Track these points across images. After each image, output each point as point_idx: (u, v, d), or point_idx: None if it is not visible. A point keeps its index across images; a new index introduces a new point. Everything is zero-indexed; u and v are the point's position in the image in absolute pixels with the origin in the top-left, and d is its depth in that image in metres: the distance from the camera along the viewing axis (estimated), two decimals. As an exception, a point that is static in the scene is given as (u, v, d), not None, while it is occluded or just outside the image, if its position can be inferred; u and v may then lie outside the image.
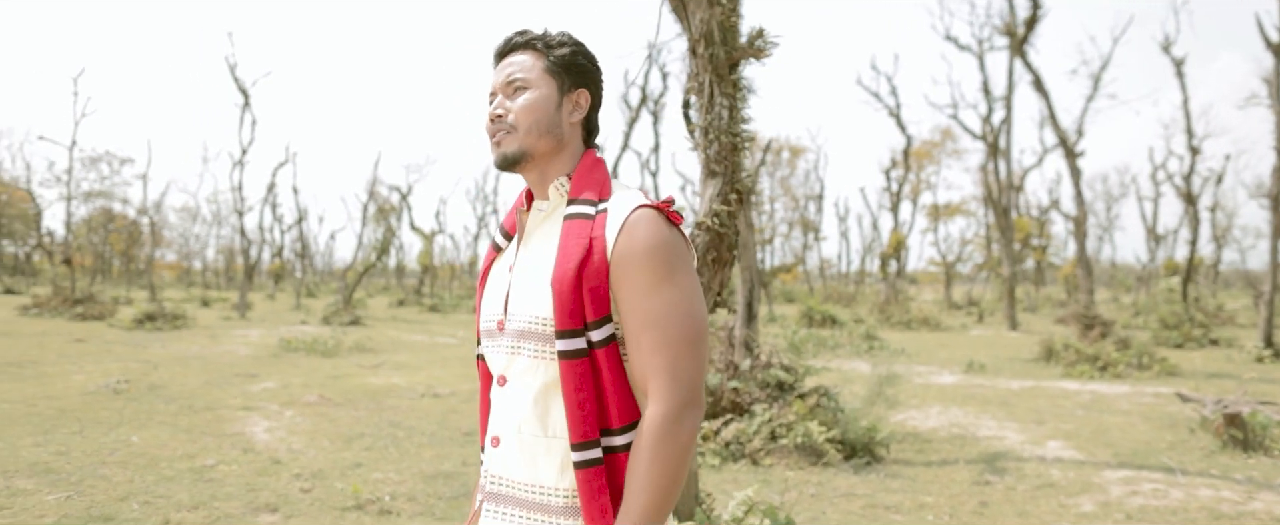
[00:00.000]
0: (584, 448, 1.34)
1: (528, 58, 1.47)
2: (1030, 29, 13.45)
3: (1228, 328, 19.44)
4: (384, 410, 7.84)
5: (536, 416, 1.39)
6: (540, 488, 1.39)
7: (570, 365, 1.33)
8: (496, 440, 1.44)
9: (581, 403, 1.34)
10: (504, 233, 1.54)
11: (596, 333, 1.34)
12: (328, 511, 4.56)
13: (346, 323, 19.31)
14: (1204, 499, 5.11)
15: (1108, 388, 10.11)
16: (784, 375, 6.69)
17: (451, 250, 48.01)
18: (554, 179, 1.46)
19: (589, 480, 1.34)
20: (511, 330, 1.41)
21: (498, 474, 1.44)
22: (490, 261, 1.55)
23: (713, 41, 3.43)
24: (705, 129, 3.48)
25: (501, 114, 1.45)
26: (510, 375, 1.43)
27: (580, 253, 1.34)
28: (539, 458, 1.39)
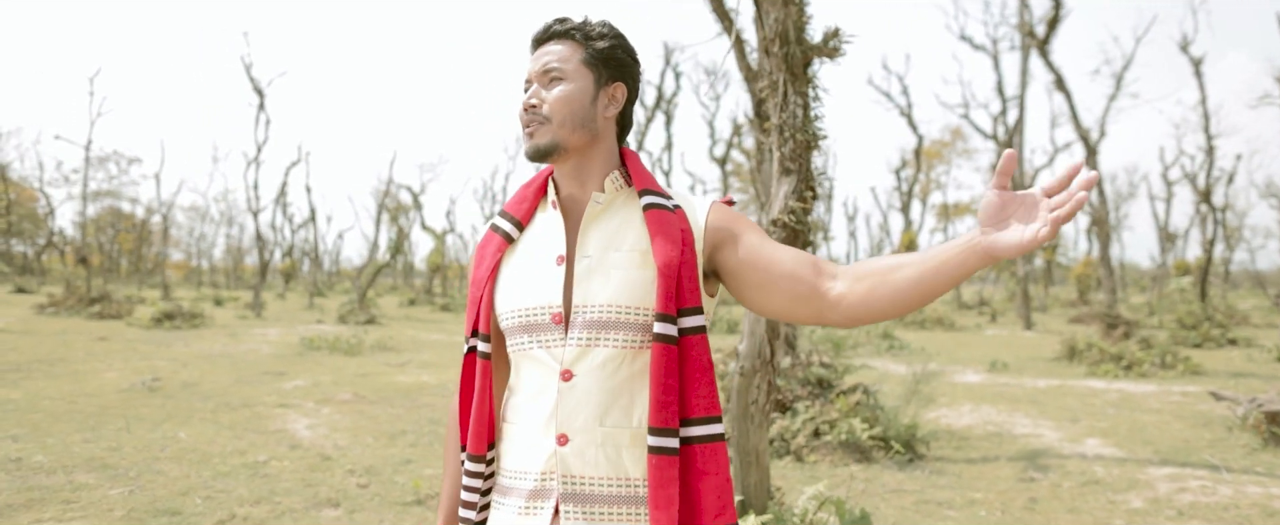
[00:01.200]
0: (663, 434, 1.32)
1: (566, 48, 1.45)
2: (1052, 29, 13.48)
3: (1243, 327, 19.45)
4: (420, 408, 7.88)
5: (622, 407, 1.37)
6: (627, 480, 1.36)
7: (663, 349, 1.33)
8: (564, 438, 1.37)
9: (668, 388, 1.32)
10: (515, 223, 1.49)
11: (687, 320, 1.35)
12: (389, 506, 4.60)
13: (363, 321, 19.36)
14: (1254, 496, 5.14)
15: (1134, 386, 10.13)
16: (825, 373, 6.72)
17: (460, 250, 48.09)
18: (591, 172, 1.46)
19: (662, 468, 1.31)
20: (586, 321, 1.37)
21: (570, 473, 1.37)
22: (500, 252, 1.48)
23: (788, 41, 3.46)
24: (779, 127, 3.52)
25: (536, 104, 1.43)
26: (580, 369, 1.38)
27: (680, 240, 1.37)
28: (624, 449, 1.36)
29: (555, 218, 1.47)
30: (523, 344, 1.43)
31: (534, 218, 1.51)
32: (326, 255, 49.46)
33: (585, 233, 1.43)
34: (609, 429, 1.36)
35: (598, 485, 1.36)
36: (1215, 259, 29.33)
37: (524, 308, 1.42)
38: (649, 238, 1.39)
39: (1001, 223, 1.17)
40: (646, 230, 1.40)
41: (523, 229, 1.50)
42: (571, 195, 1.48)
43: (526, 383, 1.44)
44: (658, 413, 1.32)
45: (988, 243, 1.16)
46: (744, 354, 3.71)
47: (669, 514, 1.30)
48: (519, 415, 1.45)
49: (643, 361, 1.38)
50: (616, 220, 1.44)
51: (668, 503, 1.31)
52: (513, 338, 1.45)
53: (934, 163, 39.10)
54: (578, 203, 1.48)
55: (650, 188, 1.44)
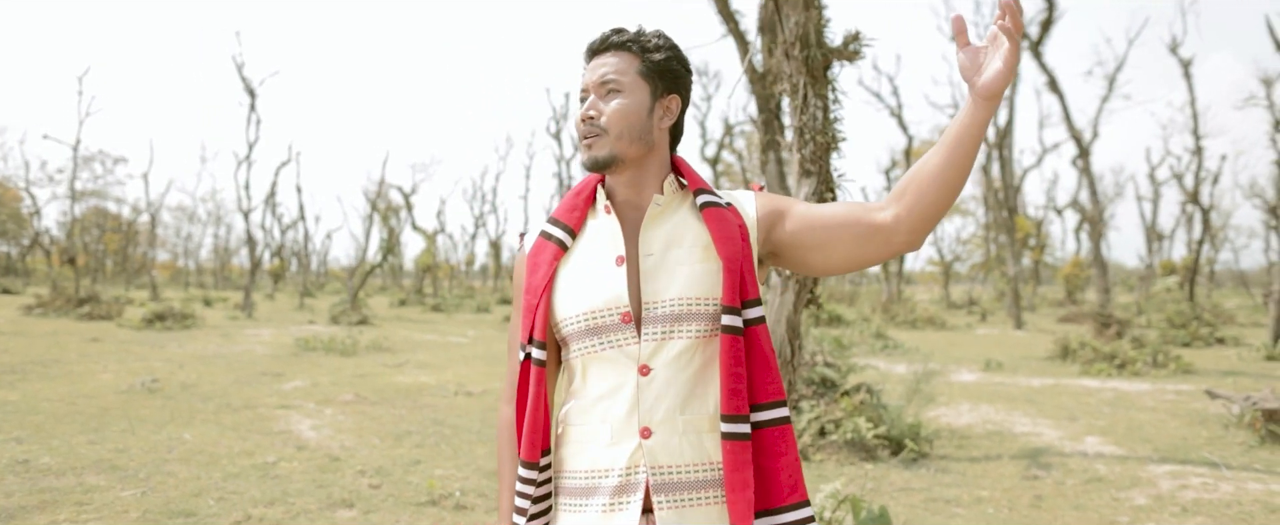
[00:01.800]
0: (735, 420, 1.37)
1: (622, 59, 1.49)
2: (1045, 30, 13.60)
3: (1230, 326, 19.66)
4: (422, 408, 7.88)
5: (699, 395, 1.42)
6: (710, 464, 1.41)
7: (731, 339, 1.38)
8: (647, 431, 1.41)
9: (737, 375, 1.38)
10: (567, 230, 1.52)
11: (750, 312, 1.41)
12: (404, 507, 4.61)
13: (355, 322, 19.29)
14: (1255, 492, 5.22)
15: (1128, 385, 10.23)
16: (830, 372, 6.77)
17: (450, 250, 48.01)
18: (647, 181, 1.50)
19: (737, 452, 1.37)
20: (659, 316, 1.42)
21: (658, 464, 1.40)
22: (556, 259, 1.50)
23: (809, 44, 3.50)
24: (799, 130, 3.55)
25: (594, 116, 1.46)
26: (657, 363, 1.42)
27: (738, 236, 1.43)
28: (703, 435, 1.41)
29: (609, 222, 1.50)
30: (591, 347, 1.46)
31: (585, 224, 1.54)
32: (315, 255, 49.30)
33: (647, 233, 1.47)
34: (689, 417, 1.41)
35: (684, 473, 1.41)
36: (1201, 259, 29.64)
37: (590, 311, 1.45)
38: (708, 234, 1.45)
39: (980, 70, 1.28)
40: (706, 227, 1.45)
41: (575, 236, 1.53)
42: (627, 200, 1.52)
43: (595, 384, 1.47)
44: (729, 400, 1.37)
45: (979, 87, 1.27)
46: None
47: (746, 496, 1.36)
48: (587, 417, 1.47)
49: (712, 350, 1.43)
50: (674, 220, 1.49)
51: (744, 485, 1.37)
52: (578, 342, 1.48)
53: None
54: (633, 207, 1.52)
55: (704, 188, 1.50)
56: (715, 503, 1.42)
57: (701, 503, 1.41)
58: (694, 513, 1.41)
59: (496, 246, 41.95)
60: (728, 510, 1.39)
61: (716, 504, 1.42)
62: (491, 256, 41.69)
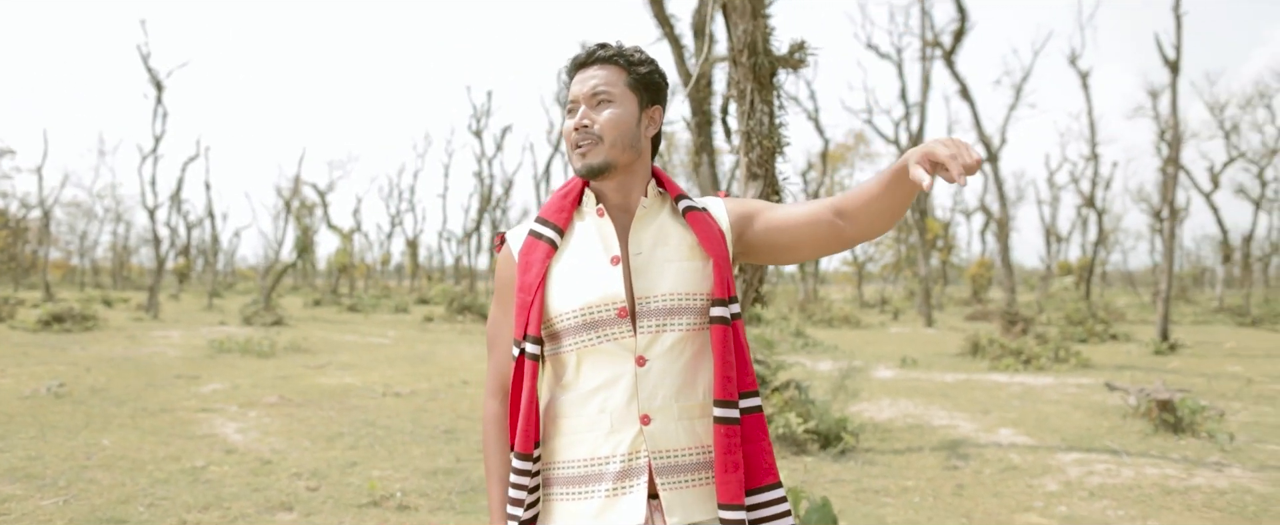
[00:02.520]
0: (726, 405, 1.47)
1: (611, 72, 1.57)
2: (958, 40, 14.21)
3: (1121, 323, 20.86)
4: (351, 410, 7.75)
5: (691, 383, 1.52)
6: (704, 447, 1.51)
7: (721, 330, 1.49)
8: (647, 418, 1.50)
9: (728, 363, 1.49)
10: (553, 227, 1.59)
11: (734, 306, 1.52)
12: (345, 509, 4.56)
13: (269, 323, 18.73)
14: (1152, 476, 5.61)
15: (1033, 379, 10.79)
16: (761, 369, 6.95)
17: (367, 248, 46.93)
18: (633, 186, 1.60)
19: (728, 435, 1.47)
20: (653, 309, 1.51)
21: (658, 449, 1.49)
22: (547, 258, 1.57)
23: (756, 51, 3.62)
24: (746, 134, 3.68)
25: (588, 124, 1.54)
26: (652, 354, 1.51)
27: (720, 237, 1.56)
28: (696, 421, 1.52)
29: (601, 224, 1.59)
30: (587, 340, 1.53)
31: (572, 225, 1.62)
32: (222, 254, 47.48)
33: (637, 233, 1.58)
34: (683, 404, 1.52)
35: (681, 456, 1.51)
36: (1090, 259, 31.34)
37: (587, 306, 1.52)
38: (694, 235, 1.57)
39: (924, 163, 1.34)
40: (690, 229, 1.58)
41: (562, 235, 1.60)
42: (615, 204, 1.61)
43: (591, 376, 1.54)
44: (722, 386, 1.48)
45: (913, 175, 1.31)
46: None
47: (737, 477, 1.47)
48: (583, 408, 1.55)
49: (700, 342, 1.54)
50: (659, 222, 1.60)
51: (735, 467, 1.46)
52: (573, 336, 1.54)
53: (838, 166, 40.33)
54: (621, 210, 1.61)
55: (683, 195, 1.62)
56: (708, 484, 1.52)
57: (697, 484, 1.51)
58: (691, 493, 1.51)
59: (414, 246, 41.21)
60: (717, 490, 1.47)
61: (709, 485, 1.52)
62: (408, 256, 40.92)
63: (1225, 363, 12.76)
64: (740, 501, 1.46)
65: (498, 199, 35.53)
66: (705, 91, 7.12)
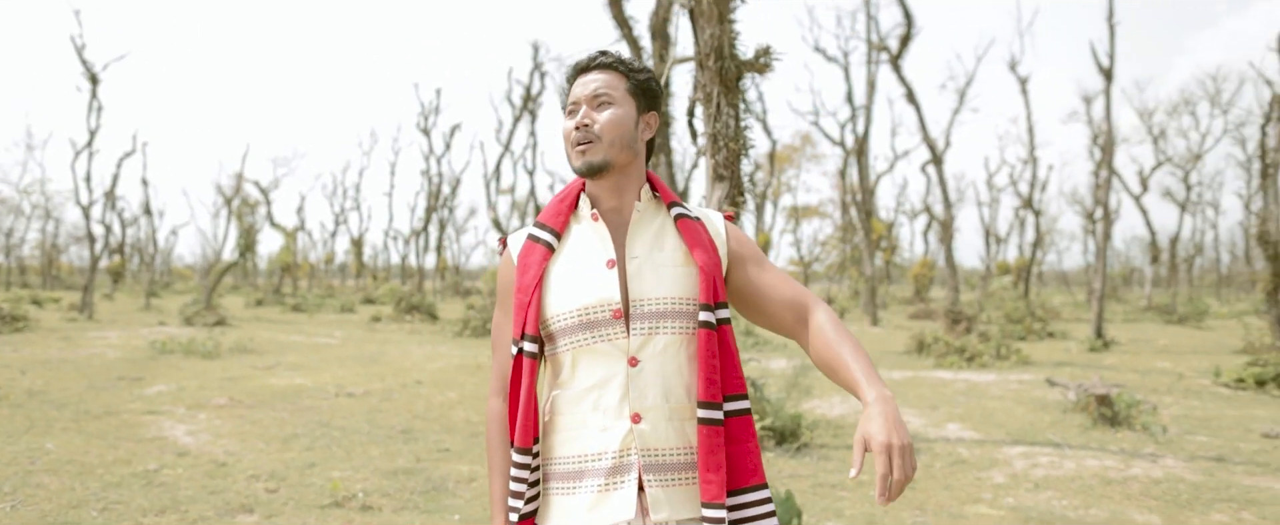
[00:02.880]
0: (710, 407, 1.52)
1: (612, 77, 1.63)
2: (904, 45, 14.55)
3: (1057, 322, 21.56)
4: (304, 411, 7.64)
5: (682, 385, 1.57)
6: (690, 448, 1.56)
7: (707, 334, 1.54)
8: (637, 417, 1.55)
9: (712, 366, 1.53)
10: (553, 233, 1.65)
11: (721, 312, 1.58)
12: (307, 510, 4.52)
13: (212, 323, 18.29)
14: (1093, 468, 5.85)
15: (977, 376, 11.11)
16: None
17: (310, 247, 46.03)
18: (628, 189, 1.65)
19: (711, 436, 1.51)
20: (646, 312, 1.56)
21: (648, 447, 1.54)
22: (543, 257, 1.63)
23: (722, 56, 3.70)
24: (713, 136, 3.75)
25: (589, 124, 1.59)
26: (644, 355, 1.56)
27: (711, 245, 1.62)
28: (686, 422, 1.57)
29: (597, 227, 1.64)
30: (583, 340, 1.59)
31: (568, 228, 1.68)
32: (159, 253, 46.12)
33: (632, 237, 1.63)
34: (673, 405, 1.57)
35: (670, 455, 1.56)
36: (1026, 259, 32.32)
37: (583, 307, 1.58)
38: (685, 242, 1.62)
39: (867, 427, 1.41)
40: (681, 236, 1.63)
41: (559, 238, 1.66)
42: (611, 208, 1.66)
43: (586, 375, 1.60)
44: (705, 388, 1.53)
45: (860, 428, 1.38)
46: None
47: (719, 477, 1.51)
48: (577, 406, 1.60)
49: (693, 346, 1.59)
50: (654, 227, 1.65)
51: (717, 467, 1.51)
52: (569, 336, 1.60)
53: (784, 167, 40.87)
54: (615, 213, 1.66)
55: (676, 201, 1.68)
56: (695, 483, 1.57)
57: (684, 483, 1.56)
58: (678, 491, 1.56)
59: (359, 244, 40.56)
60: (701, 489, 1.52)
61: (696, 484, 1.56)
62: (353, 255, 40.26)
63: (1156, 359, 13.30)
64: (721, 501, 1.49)
65: (444, 198, 35.19)
66: (664, 92, 7.20)
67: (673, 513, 1.54)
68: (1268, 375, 9.73)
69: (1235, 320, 25.26)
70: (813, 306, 1.60)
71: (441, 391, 8.95)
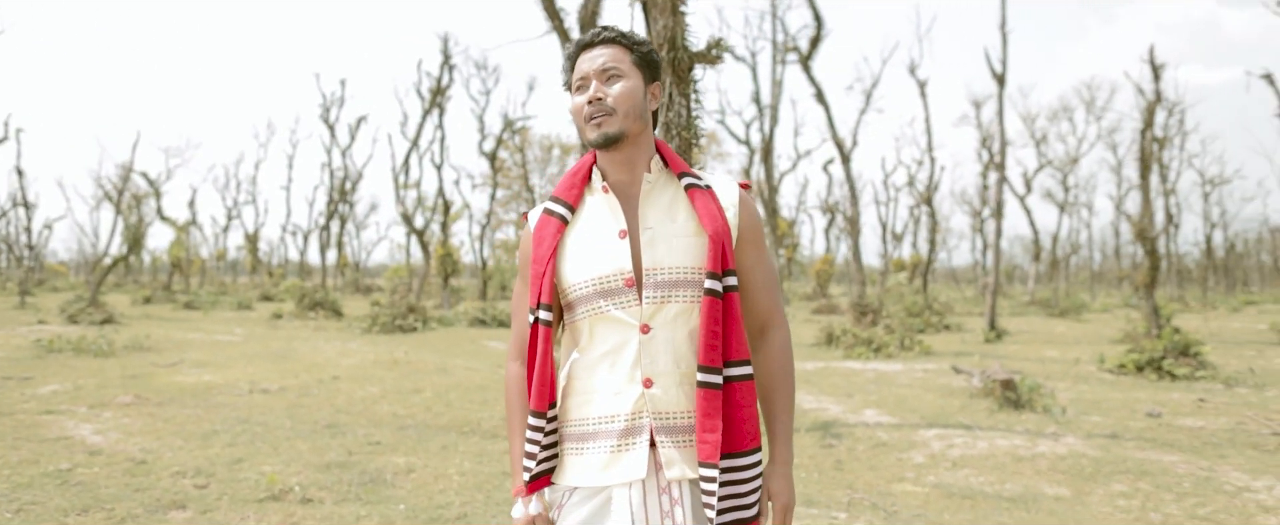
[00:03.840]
0: (709, 371, 1.58)
1: (616, 51, 1.67)
2: (814, 46, 14.99)
3: (952, 315, 22.62)
4: (220, 408, 7.36)
5: (691, 351, 1.63)
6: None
7: (712, 302, 1.59)
8: (649, 381, 1.61)
9: (714, 333, 1.59)
10: (564, 205, 1.72)
11: (728, 279, 1.62)
12: (243, 504, 4.39)
13: (99, 322, 17.28)
14: (1003, 447, 6.21)
15: (885, 366, 11.58)
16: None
17: (202, 242, 43.94)
18: (638, 160, 1.69)
19: (708, 399, 1.57)
20: (658, 282, 1.62)
21: (659, 410, 1.61)
22: (557, 230, 1.69)
23: (675, 46, 3.78)
24: (666, 126, 3.83)
25: (602, 97, 1.63)
26: (656, 323, 1.62)
27: (719, 214, 1.65)
28: (695, 387, 1.62)
29: (608, 199, 1.70)
30: (598, 308, 1.65)
31: (582, 201, 1.73)
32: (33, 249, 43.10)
33: (644, 209, 1.68)
34: (684, 370, 1.63)
35: (681, 418, 1.62)
36: (921, 256, 33.75)
37: (598, 276, 1.65)
38: (695, 211, 1.66)
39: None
40: (692, 205, 1.67)
41: (573, 211, 1.72)
42: (620, 180, 1.71)
43: (601, 341, 1.67)
44: (706, 353, 1.59)
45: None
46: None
47: (713, 439, 1.57)
48: (593, 371, 1.67)
49: (701, 308, 1.63)
50: (666, 198, 1.70)
51: (713, 429, 1.57)
52: (586, 304, 1.67)
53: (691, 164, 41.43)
54: (627, 186, 1.71)
55: (686, 171, 1.72)
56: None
57: (692, 444, 1.63)
58: (688, 451, 1.63)
59: (254, 240, 38.98)
60: (697, 450, 1.59)
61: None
62: (248, 251, 38.67)
63: (1045, 348, 14.13)
64: (714, 462, 1.55)
65: (346, 192, 34.19)
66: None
67: (683, 470, 1.61)
68: (1144, 361, 10.50)
69: (1109, 313, 27.04)
70: (772, 328, 1.72)
71: (361, 387, 8.76)
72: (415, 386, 8.84)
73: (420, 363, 11.00)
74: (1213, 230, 45.04)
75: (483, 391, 8.56)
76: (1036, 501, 4.85)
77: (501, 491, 4.75)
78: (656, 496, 1.63)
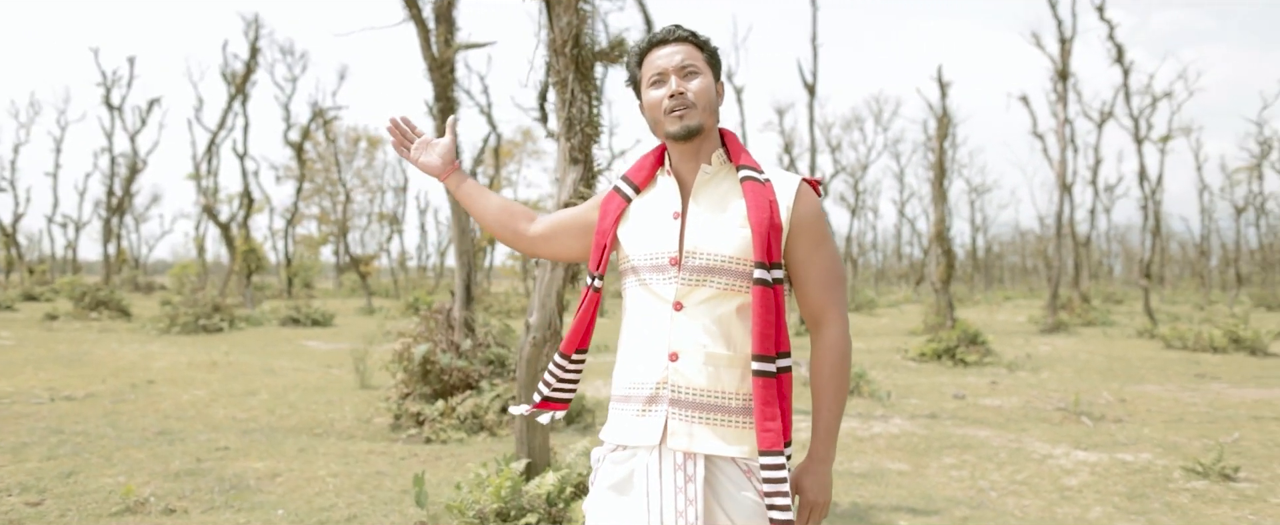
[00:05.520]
0: (764, 360, 1.64)
1: (690, 49, 1.78)
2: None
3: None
4: (20, 418, 6.56)
5: (721, 335, 1.70)
6: (721, 393, 1.69)
7: (762, 292, 1.66)
8: (675, 355, 1.70)
9: (768, 322, 1.65)
10: (632, 185, 1.85)
11: (776, 272, 1.69)
12: (97, 518, 4.00)
13: None
14: (843, 429, 6.75)
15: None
16: (502, 352, 7.13)
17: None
18: (704, 150, 1.80)
19: (765, 388, 1.64)
20: (694, 266, 1.70)
21: (679, 383, 1.69)
22: (620, 207, 1.83)
23: (579, 44, 3.86)
24: (568, 121, 3.90)
25: (684, 92, 1.73)
26: (688, 302, 1.71)
27: (768, 208, 1.71)
28: (722, 369, 1.69)
29: (670, 182, 1.82)
30: (645, 279, 1.77)
31: (653, 182, 1.86)
32: None
33: (697, 196, 1.79)
34: (711, 352, 1.71)
35: (699, 395, 1.71)
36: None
37: (649, 252, 1.77)
38: (746, 204, 1.75)
39: None
40: (744, 198, 1.76)
41: (639, 191, 1.85)
42: (685, 168, 1.82)
43: (643, 310, 1.78)
44: (760, 342, 1.65)
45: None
46: (535, 325, 4.02)
47: (777, 425, 1.63)
48: (633, 339, 1.79)
49: (736, 302, 1.73)
50: (722, 188, 1.80)
51: (774, 416, 1.63)
52: (636, 275, 1.79)
53: (506, 161, 41.04)
54: (691, 173, 1.82)
55: (747, 164, 1.80)
56: (715, 424, 1.71)
57: (705, 422, 1.71)
58: (699, 428, 1.71)
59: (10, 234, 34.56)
60: (758, 438, 1.65)
61: (716, 426, 1.71)
62: (4, 245, 34.25)
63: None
64: (780, 448, 1.61)
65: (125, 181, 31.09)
66: (449, 77, 7.13)
67: (689, 444, 1.69)
68: (942, 349, 11.68)
69: (897, 308, 29.61)
70: (826, 324, 1.75)
71: (184, 390, 8.10)
72: (246, 388, 8.30)
73: (242, 364, 10.31)
74: (976, 233, 50.43)
75: (323, 393, 8.18)
76: (883, 476, 5.34)
77: (383, 491, 4.62)
78: (673, 471, 1.71)
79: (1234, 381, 9.80)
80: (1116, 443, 6.26)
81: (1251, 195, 36.49)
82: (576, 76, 3.89)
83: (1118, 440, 6.34)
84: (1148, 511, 4.57)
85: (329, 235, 42.95)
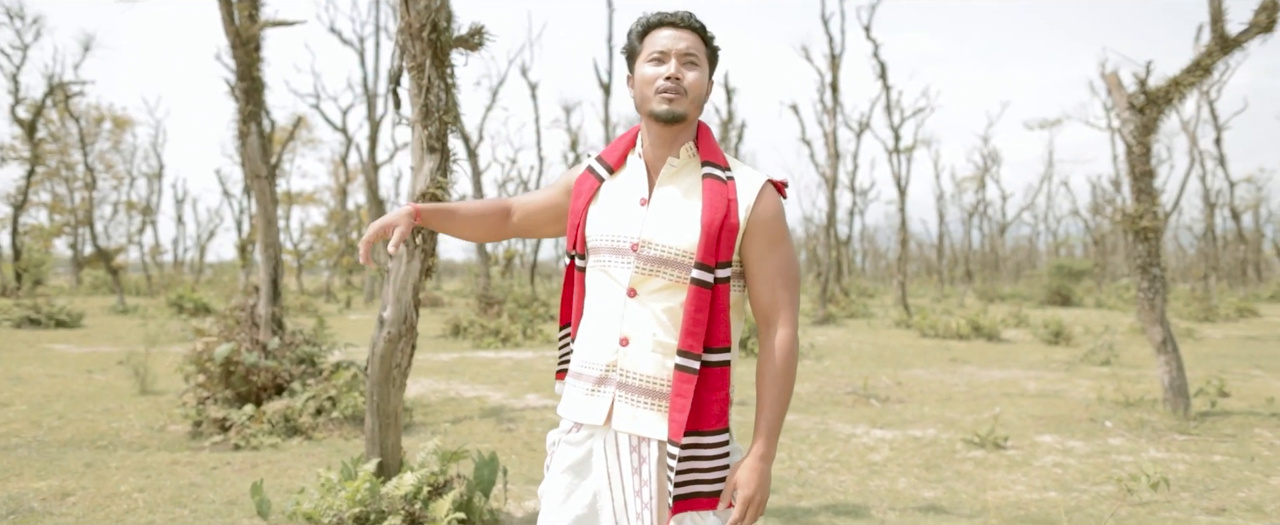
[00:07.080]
0: (689, 356, 1.71)
1: (696, 40, 1.81)
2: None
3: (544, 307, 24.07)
4: None
5: (668, 326, 1.75)
6: (664, 380, 1.75)
7: (698, 291, 1.71)
8: (625, 340, 1.76)
9: (698, 321, 1.71)
10: (605, 166, 1.89)
11: (721, 272, 1.74)
12: None
13: None
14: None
15: (517, 354, 12.07)
16: (312, 351, 6.72)
17: None
18: (679, 142, 1.83)
19: (684, 381, 1.71)
20: (649, 256, 1.75)
21: (627, 368, 1.76)
22: (593, 187, 1.87)
23: (437, 29, 3.74)
24: (424, 109, 3.77)
25: (680, 78, 1.77)
26: (642, 291, 1.77)
27: (724, 208, 1.75)
28: (666, 358, 1.75)
29: (641, 167, 1.87)
30: (605, 262, 1.83)
31: (625, 165, 1.90)
32: None
33: (661, 187, 1.84)
34: (660, 340, 1.77)
35: (645, 381, 1.77)
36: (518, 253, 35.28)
37: (611, 234, 1.82)
38: (701, 202, 1.80)
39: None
40: (702, 195, 1.80)
41: (613, 173, 1.90)
42: (657, 155, 1.85)
43: (600, 293, 1.85)
44: (686, 339, 1.72)
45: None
46: (389, 320, 3.84)
47: (681, 418, 1.71)
48: (589, 319, 1.86)
49: (683, 294, 1.78)
50: (686, 182, 1.83)
51: (682, 409, 1.72)
52: (598, 256, 1.85)
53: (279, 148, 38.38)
54: (660, 161, 1.86)
55: (712, 160, 1.84)
56: (657, 410, 1.77)
57: (648, 407, 1.78)
58: (641, 413, 1.79)
59: None
60: (668, 427, 1.74)
61: (658, 411, 1.77)
62: None
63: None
64: (678, 440, 1.70)
65: None
66: (254, 55, 6.62)
67: (632, 427, 1.77)
68: (736, 341, 12.33)
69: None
70: (775, 324, 1.78)
71: (-88, 404, 6.92)
72: (-5, 399, 7.22)
73: (-21, 372, 8.94)
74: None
75: (96, 400, 7.28)
76: (711, 460, 5.59)
77: (205, 504, 4.21)
78: (629, 453, 1.79)
79: (981, 364, 11.18)
80: (905, 420, 6.95)
81: (977, 202, 41.59)
82: (434, 62, 3.77)
83: (905, 418, 7.05)
84: (944, 479, 5.13)
85: (63, 226, 38.04)
